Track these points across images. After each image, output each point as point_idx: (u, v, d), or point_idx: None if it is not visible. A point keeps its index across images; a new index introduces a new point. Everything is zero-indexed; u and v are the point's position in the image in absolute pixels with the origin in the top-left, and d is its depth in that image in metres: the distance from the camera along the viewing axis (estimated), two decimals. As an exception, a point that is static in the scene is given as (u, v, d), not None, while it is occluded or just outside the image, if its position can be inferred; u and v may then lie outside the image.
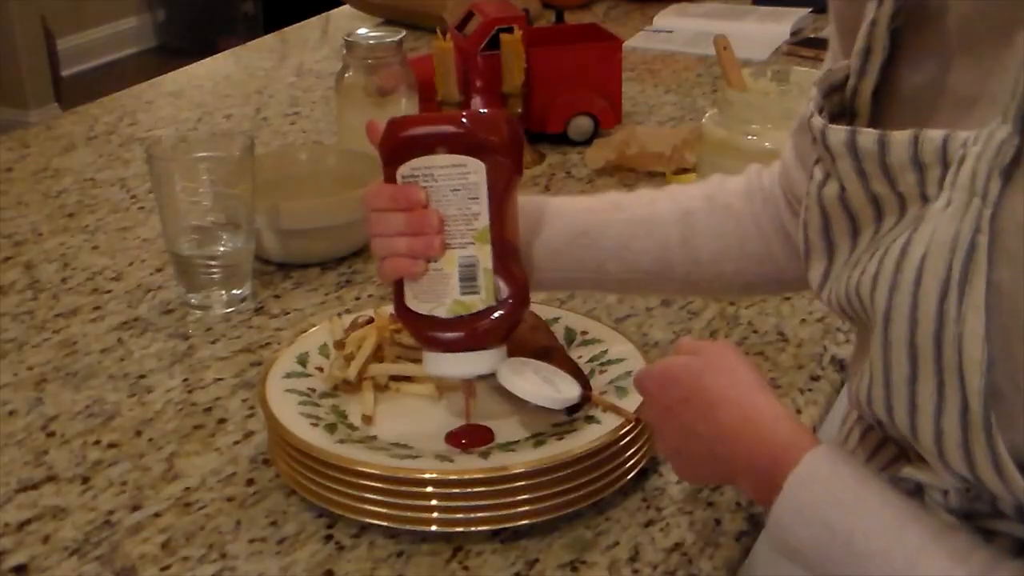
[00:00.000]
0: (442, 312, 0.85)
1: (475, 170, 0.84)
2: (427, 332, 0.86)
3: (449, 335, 0.85)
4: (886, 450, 0.74)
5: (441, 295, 0.85)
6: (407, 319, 0.87)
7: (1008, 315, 0.60)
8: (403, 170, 0.86)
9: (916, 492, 0.70)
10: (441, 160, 0.84)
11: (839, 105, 0.73)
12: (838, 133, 0.68)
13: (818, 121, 0.70)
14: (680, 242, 0.94)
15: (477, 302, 0.85)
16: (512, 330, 0.87)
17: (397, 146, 0.86)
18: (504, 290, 0.85)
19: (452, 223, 0.85)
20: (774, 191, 0.94)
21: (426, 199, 0.85)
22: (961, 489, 0.67)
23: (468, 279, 0.85)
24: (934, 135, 0.63)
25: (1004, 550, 0.65)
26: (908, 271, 0.63)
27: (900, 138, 0.65)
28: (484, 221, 0.85)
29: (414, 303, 0.86)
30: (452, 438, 0.90)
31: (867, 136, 0.66)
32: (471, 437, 0.90)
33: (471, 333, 0.85)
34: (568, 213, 0.95)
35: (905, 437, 0.67)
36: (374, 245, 0.87)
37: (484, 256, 0.85)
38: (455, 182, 0.85)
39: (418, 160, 0.85)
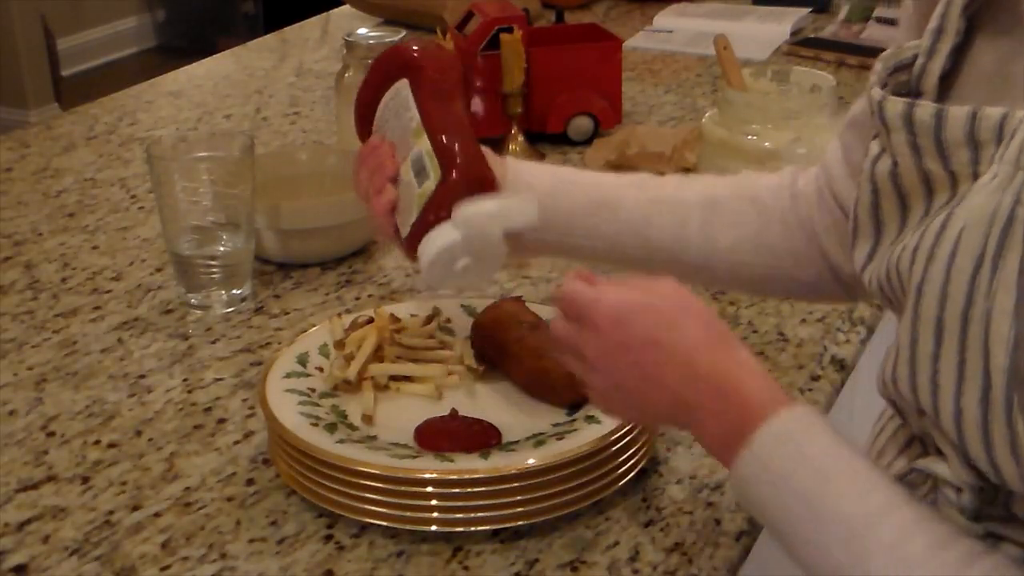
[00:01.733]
0: (417, 216, 0.86)
1: (402, 87, 0.92)
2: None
3: (418, 227, 0.86)
4: (915, 447, 0.74)
5: (410, 203, 0.87)
6: (408, 250, 0.88)
7: None
8: (374, 129, 0.95)
9: (930, 492, 0.70)
10: (385, 99, 0.94)
11: (905, 85, 0.72)
12: (896, 105, 0.67)
13: (877, 92, 0.69)
14: (700, 224, 0.93)
15: (430, 185, 0.86)
16: (461, 196, 0.84)
17: (366, 117, 0.96)
18: (447, 163, 0.86)
19: (400, 140, 0.90)
20: (807, 189, 0.93)
21: (377, 142, 0.93)
22: (975, 487, 0.66)
23: (420, 172, 0.87)
24: (992, 112, 0.63)
25: (1009, 557, 0.65)
26: (946, 244, 0.62)
27: (958, 113, 0.64)
28: (416, 119, 0.89)
29: (404, 231, 0.88)
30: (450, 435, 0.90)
31: (924, 109, 0.66)
32: (474, 436, 0.90)
33: (424, 213, 0.85)
34: (591, 183, 0.96)
35: (927, 421, 0.67)
36: (369, 211, 0.92)
37: (424, 145, 0.88)
38: (394, 109, 0.93)
39: (376, 117, 0.95)
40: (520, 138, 1.51)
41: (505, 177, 0.93)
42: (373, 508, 0.85)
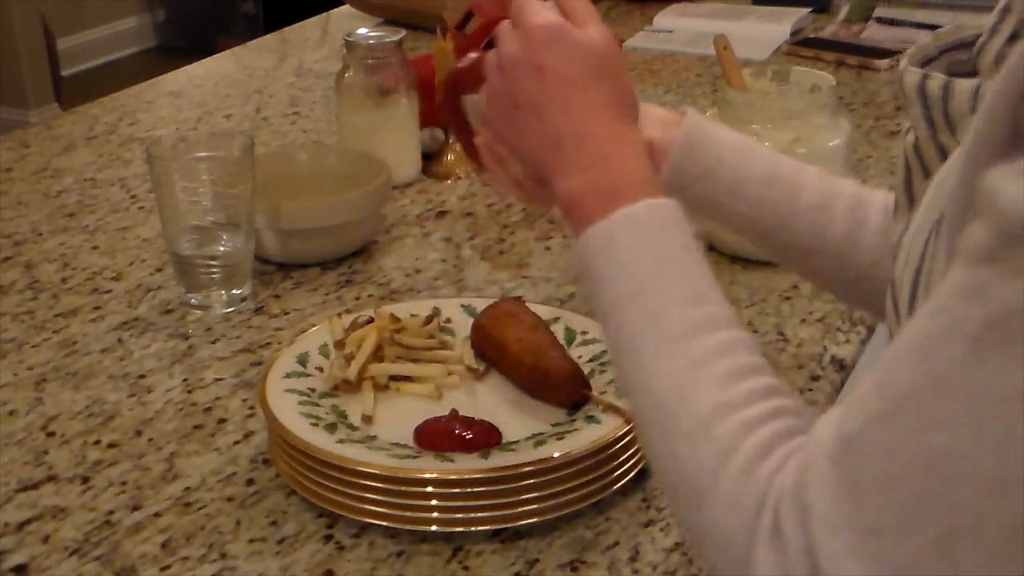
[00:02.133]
0: None
1: None
2: None
3: None
4: None
5: None
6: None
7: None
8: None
9: None
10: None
11: (963, 64, 0.71)
12: (913, 76, 0.67)
13: (903, 63, 0.69)
14: (876, 230, 0.89)
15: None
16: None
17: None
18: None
19: None
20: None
21: None
22: None
23: None
24: None
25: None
26: (921, 209, 0.63)
27: (963, 87, 0.64)
28: None
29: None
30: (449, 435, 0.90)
31: (935, 81, 0.66)
32: (476, 435, 0.90)
33: None
34: (772, 157, 0.92)
35: None
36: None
37: None
38: None
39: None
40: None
41: (686, 129, 0.90)
42: (373, 508, 0.85)
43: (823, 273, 0.93)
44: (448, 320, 1.04)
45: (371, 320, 1.00)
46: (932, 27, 0.88)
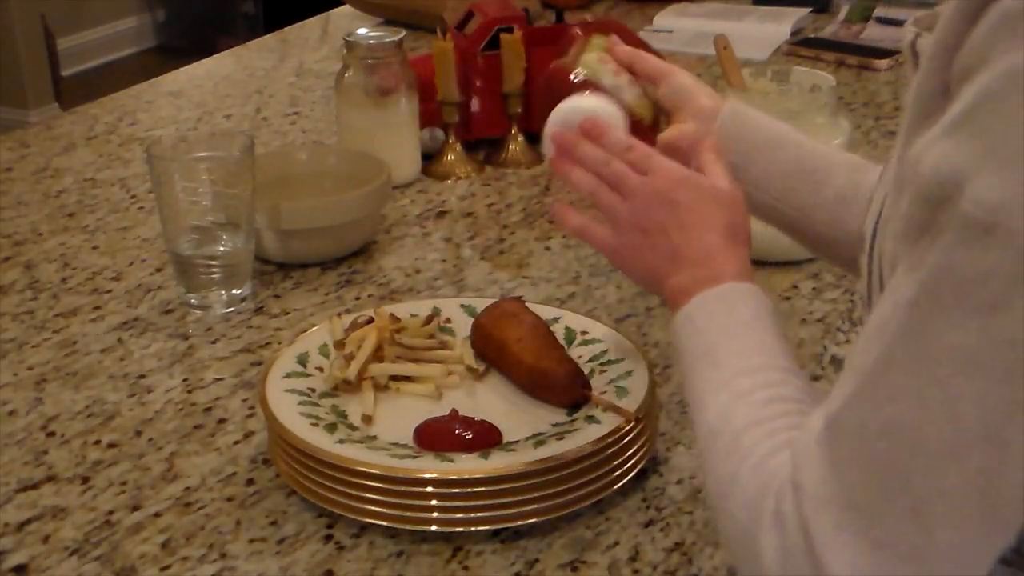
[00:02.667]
0: None
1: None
2: None
3: None
4: None
5: None
6: None
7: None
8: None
9: None
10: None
11: None
12: (908, 34, 0.71)
13: (908, 22, 0.74)
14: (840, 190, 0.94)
15: None
16: None
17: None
18: None
19: None
20: None
21: None
22: None
23: None
24: None
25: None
26: (890, 165, 0.68)
27: None
28: None
29: None
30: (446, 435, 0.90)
31: (925, 39, 0.68)
32: (476, 436, 0.90)
33: None
34: (806, 149, 0.96)
35: None
36: None
37: None
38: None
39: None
40: (520, 138, 1.51)
41: (722, 119, 0.95)
42: (373, 508, 0.85)
43: (847, 263, 0.95)
44: (448, 320, 1.04)
45: (371, 320, 1.00)
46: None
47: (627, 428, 0.88)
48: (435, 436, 0.90)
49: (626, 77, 0.98)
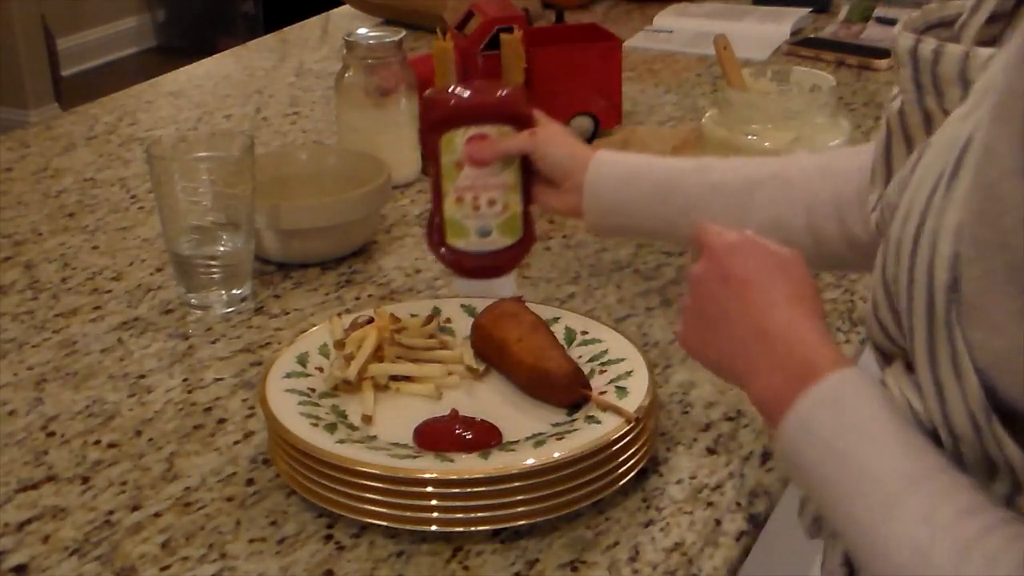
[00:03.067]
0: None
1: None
2: None
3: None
4: None
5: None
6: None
7: (989, 215, 0.58)
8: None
9: None
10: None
11: (948, 40, 0.73)
12: (906, 40, 0.70)
13: (897, 28, 0.72)
14: (742, 208, 1.00)
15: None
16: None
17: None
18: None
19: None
20: (844, 165, 0.98)
21: None
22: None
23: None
24: (983, 52, 0.65)
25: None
26: (918, 170, 0.64)
27: (953, 51, 0.67)
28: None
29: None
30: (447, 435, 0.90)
31: (927, 44, 0.68)
32: (476, 435, 0.90)
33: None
34: (660, 169, 1.07)
35: (897, 348, 0.68)
36: None
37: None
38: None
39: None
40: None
41: (583, 164, 1.08)
42: (373, 508, 0.85)
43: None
44: (448, 320, 1.04)
45: (371, 320, 1.00)
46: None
47: (627, 428, 0.88)
48: (435, 436, 0.90)
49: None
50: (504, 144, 1.11)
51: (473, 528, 0.85)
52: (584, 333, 1.01)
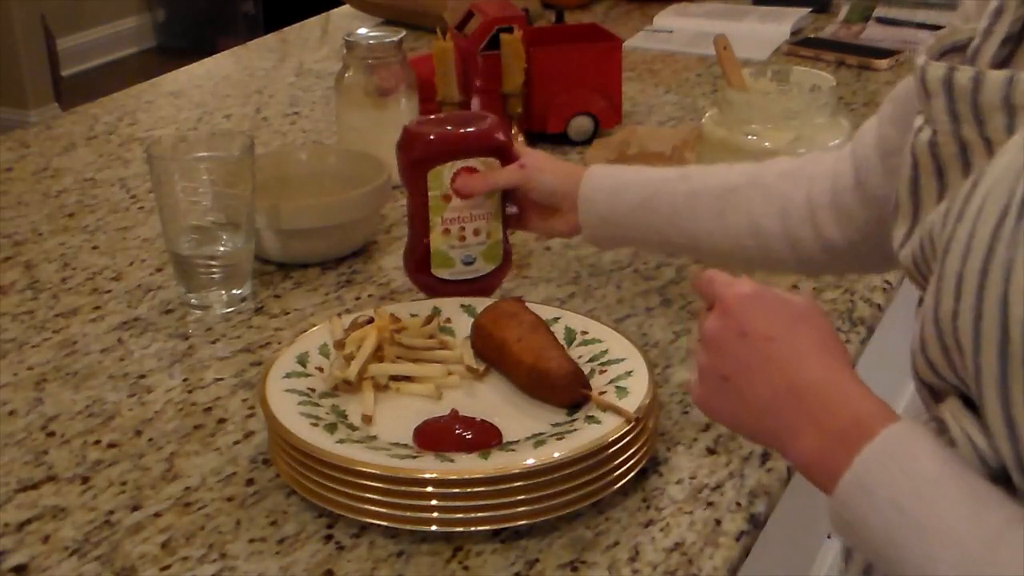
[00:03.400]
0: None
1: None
2: None
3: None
4: None
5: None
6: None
7: None
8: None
9: None
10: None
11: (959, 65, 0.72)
12: (937, 69, 0.68)
13: (922, 58, 0.70)
14: (718, 213, 1.03)
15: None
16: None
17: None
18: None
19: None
20: (819, 169, 1.00)
21: None
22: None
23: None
24: None
25: None
26: (974, 201, 0.62)
27: (995, 77, 0.65)
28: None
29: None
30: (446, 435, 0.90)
31: (963, 73, 0.66)
32: (476, 435, 0.90)
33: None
34: (644, 181, 1.08)
35: (957, 399, 0.66)
36: None
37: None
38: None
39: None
40: (520, 138, 1.51)
41: (576, 181, 1.10)
42: (373, 508, 0.85)
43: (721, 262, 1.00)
44: (448, 320, 1.04)
45: (371, 320, 1.00)
46: (932, 27, 0.91)
47: (627, 428, 0.88)
48: (435, 436, 0.90)
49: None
50: (494, 178, 1.11)
51: (473, 528, 0.85)
52: (584, 333, 1.01)
